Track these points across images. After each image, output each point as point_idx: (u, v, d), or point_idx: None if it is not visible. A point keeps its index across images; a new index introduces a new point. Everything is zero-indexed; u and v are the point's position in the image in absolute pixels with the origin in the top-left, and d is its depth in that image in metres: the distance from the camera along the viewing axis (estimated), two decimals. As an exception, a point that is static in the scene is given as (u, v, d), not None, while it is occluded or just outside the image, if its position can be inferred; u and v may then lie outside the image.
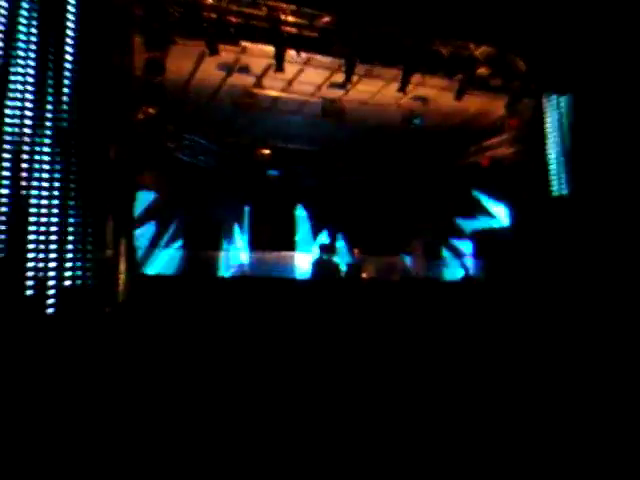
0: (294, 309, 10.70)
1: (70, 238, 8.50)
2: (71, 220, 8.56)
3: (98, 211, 9.27)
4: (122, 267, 10.48)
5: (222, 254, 15.46)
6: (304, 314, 10.55)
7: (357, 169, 16.94)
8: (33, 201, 8.12)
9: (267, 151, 15.78)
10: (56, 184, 8.26)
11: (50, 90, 8.28)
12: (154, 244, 14.21)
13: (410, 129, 14.28)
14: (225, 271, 15.06)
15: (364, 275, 15.73)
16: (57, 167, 8.29)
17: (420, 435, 5.60)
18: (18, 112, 8.06)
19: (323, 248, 14.79)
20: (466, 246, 16.30)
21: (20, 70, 8.12)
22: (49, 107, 8.27)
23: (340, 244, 16.84)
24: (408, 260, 16.93)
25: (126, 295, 10.11)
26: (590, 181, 11.60)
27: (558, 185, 12.31)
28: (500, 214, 15.02)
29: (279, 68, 11.11)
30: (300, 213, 17.53)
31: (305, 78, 12.76)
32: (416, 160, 16.72)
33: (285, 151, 16.22)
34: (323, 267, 14.11)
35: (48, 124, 8.24)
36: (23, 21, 8.21)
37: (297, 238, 17.20)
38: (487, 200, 15.59)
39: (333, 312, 10.67)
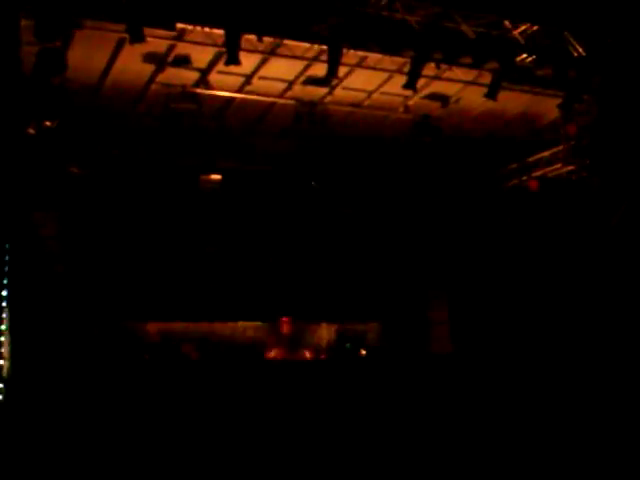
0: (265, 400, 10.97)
1: None
2: None
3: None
4: (5, 351, 10.47)
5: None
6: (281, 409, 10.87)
7: (348, 200, 17.02)
8: None
9: (217, 176, 15.86)
10: None
11: None
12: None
13: (423, 142, 14.48)
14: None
15: (363, 352, 15.87)
16: None
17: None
18: None
19: None
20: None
21: None
22: None
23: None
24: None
25: (13, 391, 10.07)
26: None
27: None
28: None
29: (232, 59, 11.27)
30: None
31: (270, 72, 12.96)
32: (433, 186, 16.85)
33: (243, 175, 16.27)
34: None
35: None
36: None
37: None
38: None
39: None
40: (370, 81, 13.48)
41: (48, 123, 11.77)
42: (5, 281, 10.10)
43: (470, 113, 14.43)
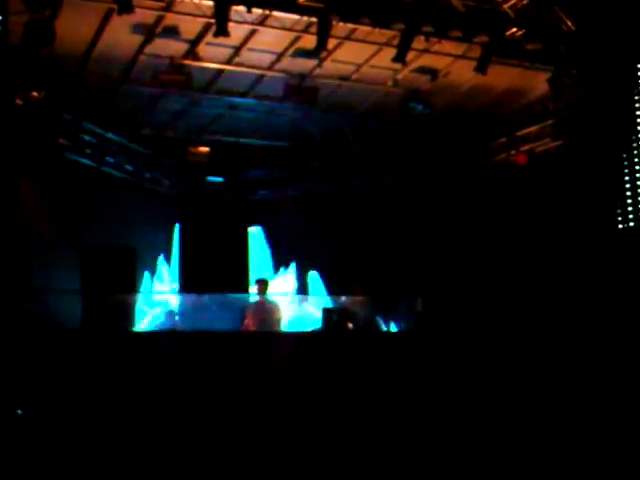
0: (247, 377, 10.85)
1: None
2: None
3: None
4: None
5: (139, 298, 15.43)
6: (263, 385, 10.75)
7: (335, 174, 17.06)
8: None
9: (205, 149, 15.87)
10: None
11: None
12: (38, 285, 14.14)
13: (412, 116, 14.49)
14: (144, 324, 15.02)
15: (350, 325, 15.89)
16: None
17: None
18: None
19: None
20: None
21: None
22: None
23: (314, 280, 17.00)
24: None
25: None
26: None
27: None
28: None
29: (221, 30, 11.26)
30: (255, 237, 17.58)
31: (259, 44, 12.91)
32: (421, 160, 16.89)
33: (231, 148, 16.31)
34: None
35: None
36: None
37: (251, 273, 17.23)
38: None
39: (306, 383, 10.98)
40: (359, 54, 13.45)
41: (35, 94, 11.76)
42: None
43: (459, 87, 14.41)
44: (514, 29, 12.59)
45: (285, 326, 15.27)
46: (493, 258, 15.77)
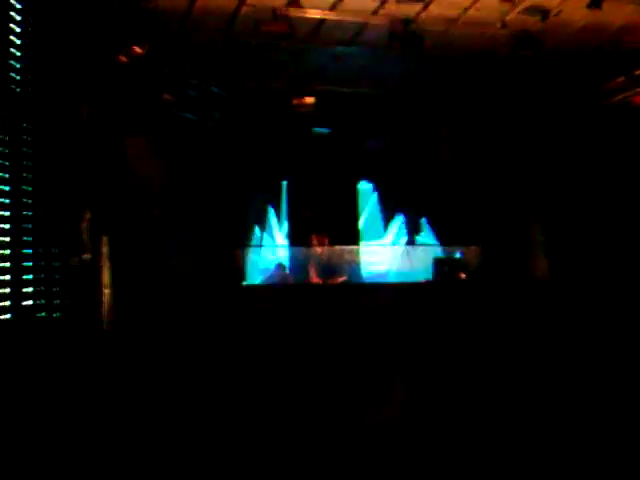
0: (362, 330, 10.95)
1: (27, 239, 8.77)
2: (27, 213, 8.83)
3: (67, 199, 9.54)
4: (106, 278, 10.79)
5: (250, 251, 15.70)
6: (378, 337, 10.83)
7: (446, 121, 16.89)
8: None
9: (311, 99, 15.90)
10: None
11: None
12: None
13: (522, 58, 14.19)
14: (255, 277, 15.28)
15: (462, 275, 15.87)
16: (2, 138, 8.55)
17: None
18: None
19: None
20: None
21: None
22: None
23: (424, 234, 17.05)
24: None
25: (114, 319, 10.41)
26: None
27: None
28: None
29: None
30: (364, 189, 17.60)
31: (363, -11, 12.75)
32: (535, 102, 16.57)
33: (337, 98, 16.29)
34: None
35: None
36: None
37: (361, 225, 17.31)
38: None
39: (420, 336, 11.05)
40: (466, -5, 13.20)
41: (138, 49, 11.95)
42: (102, 209, 10.38)
43: (572, 26, 13.97)
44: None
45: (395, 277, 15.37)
46: (610, 207, 15.46)
